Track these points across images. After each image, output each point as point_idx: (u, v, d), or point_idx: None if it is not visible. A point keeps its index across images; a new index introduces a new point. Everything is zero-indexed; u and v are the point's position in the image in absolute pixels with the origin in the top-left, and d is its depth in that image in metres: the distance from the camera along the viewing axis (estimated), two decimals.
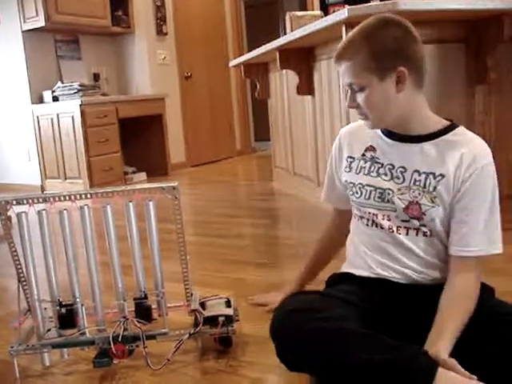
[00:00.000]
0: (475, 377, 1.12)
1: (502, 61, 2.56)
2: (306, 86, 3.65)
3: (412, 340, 1.21)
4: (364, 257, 1.44)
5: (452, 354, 1.18)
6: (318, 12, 4.12)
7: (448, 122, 1.38)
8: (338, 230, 1.68)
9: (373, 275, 1.41)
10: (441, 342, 1.20)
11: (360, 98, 1.32)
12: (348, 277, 1.47)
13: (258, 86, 4.64)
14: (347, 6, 2.33)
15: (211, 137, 7.05)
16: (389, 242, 1.39)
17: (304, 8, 6.59)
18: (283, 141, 4.47)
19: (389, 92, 1.30)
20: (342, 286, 1.44)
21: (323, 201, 1.69)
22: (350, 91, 1.35)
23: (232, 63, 4.71)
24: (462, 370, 1.13)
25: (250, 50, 4.52)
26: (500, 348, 1.18)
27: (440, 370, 1.12)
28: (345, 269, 1.51)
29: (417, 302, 1.35)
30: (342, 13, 2.32)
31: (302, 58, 3.57)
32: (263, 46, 3.62)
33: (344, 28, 2.38)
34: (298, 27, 3.14)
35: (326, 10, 5.59)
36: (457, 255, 1.32)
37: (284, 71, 4.02)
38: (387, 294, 1.37)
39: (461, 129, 1.37)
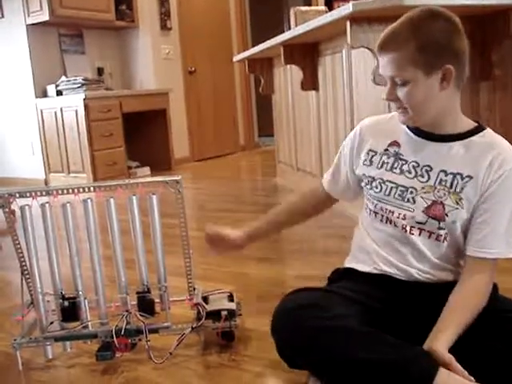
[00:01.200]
0: (473, 378, 1.11)
1: (507, 57, 2.55)
2: (311, 82, 3.64)
3: (415, 338, 1.21)
4: (370, 252, 1.43)
5: (453, 349, 1.18)
6: (322, 7, 4.11)
7: (475, 124, 1.36)
8: (314, 207, 1.66)
9: (376, 271, 1.40)
10: (442, 335, 1.20)
11: (401, 92, 1.27)
12: (351, 273, 1.46)
13: (262, 81, 4.63)
14: (352, 1, 2.32)
15: (215, 132, 7.05)
16: (399, 241, 1.37)
17: (308, 3, 6.58)
18: (287, 136, 4.46)
19: (432, 89, 1.26)
20: (345, 283, 1.43)
21: (324, 185, 1.61)
22: (390, 83, 1.29)
23: (236, 58, 4.70)
24: (459, 367, 1.13)
25: (254, 45, 4.51)
26: (502, 344, 1.18)
27: (440, 371, 1.12)
28: (348, 263, 1.51)
29: (420, 300, 1.34)
30: (347, 8, 2.30)
31: (306, 54, 3.56)
32: (268, 41, 3.61)
33: (348, 23, 2.37)
34: (303, 22, 3.13)
35: (330, 4, 5.56)
36: (474, 256, 1.30)
37: (288, 66, 4.01)
38: (390, 292, 1.36)
39: (488, 131, 1.35)
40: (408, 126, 1.39)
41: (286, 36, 3.27)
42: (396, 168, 1.38)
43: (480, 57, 2.55)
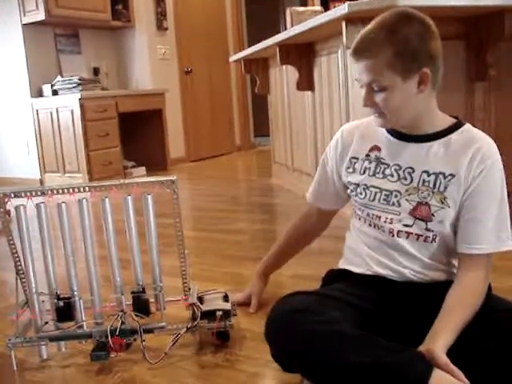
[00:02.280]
0: (468, 382, 1.11)
1: (502, 58, 2.56)
2: (306, 82, 3.64)
3: (409, 339, 1.21)
4: (363, 255, 1.43)
5: (448, 350, 1.18)
6: (318, 7, 4.11)
7: (454, 120, 1.36)
8: (316, 224, 1.70)
9: (370, 272, 1.41)
10: (440, 337, 1.19)
11: (379, 97, 1.27)
12: (345, 274, 1.46)
13: (258, 82, 4.63)
14: (347, 2, 2.32)
15: (211, 132, 7.05)
16: (388, 245, 1.38)
17: (304, 3, 6.58)
18: (283, 136, 4.47)
19: (410, 93, 1.26)
20: (339, 285, 1.42)
21: (309, 201, 1.67)
22: (366, 89, 1.29)
23: (232, 58, 4.70)
24: (456, 369, 1.13)
25: (250, 46, 4.51)
26: (495, 344, 1.18)
27: (435, 373, 1.11)
28: (342, 265, 1.51)
29: (414, 300, 1.34)
30: (342, 8, 2.31)
31: (302, 54, 3.57)
32: (263, 42, 3.61)
33: (344, 24, 2.38)
34: (299, 23, 3.13)
35: (326, 5, 5.56)
36: (466, 253, 1.31)
37: (284, 67, 4.02)
38: (384, 293, 1.36)
39: (467, 126, 1.35)
40: (387, 129, 1.40)
41: (281, 36, 3.27)
42: (379, 173, 1.38)
43: (475, 58, 2.56)
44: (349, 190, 1.47)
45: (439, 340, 1.18)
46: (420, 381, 1.10)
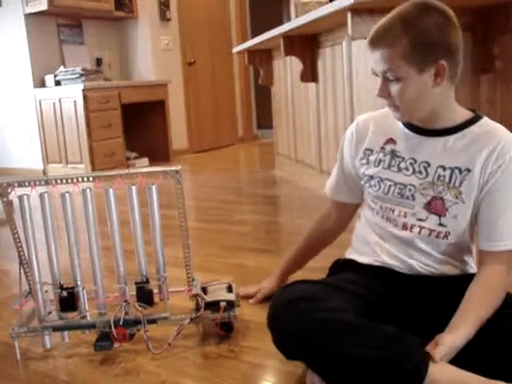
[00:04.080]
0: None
1: (508, 49, 2.54)
2: (310, 73, 3.63)
3: (414, 332, 1.20)
4: (371, 244, 1.42)
5: None
6: None
7: (471, 113, 1.33)
8: (336, 223, 1.66)
9: (377, 263, 1.40)
10: (460, 330, 1.18)
11: (394, 88, 1.25)
12: (352, 264, 1.46)
13: (262, 73, 4.61)
14: None
15: (213, 123, 7.03)
16: (399, 238, 1.37)
17: None
18: (286, 128, 4.45)
19: (425, 85, 1.23)
20: (345, 275, 1.42)
21: (329, 195, 1.63)
22: (381, 79, 1.27)
23: (236, 49, 4.68)
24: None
25: (253, 37, 4.49)
26: (501, 340, 1.17)
27: (432, 368, 1.11)
28: (349, 255, 1.50)
29: (420, 294, 1.34)
30: None
31: (306, 45, 3.55)
32: (268, 32, 3.59)
33: (350, 14, 2.36)
34: (303, 13, 3.11)
35: None
36: (487, 250, 1.29)
37: (288, 58, 4.00)
38: (391, 285, 1.35)
39: (484, 119, 1.33)
40: (404, 123, 1.38)
41: (286, 27, 3.25)
42: (394, 166, 1.37)
43: (481, 49, 2.54)
44: (362, 182, 1.46)
45: (457, 333, 1.18)
46: (418, 374, 1.11)
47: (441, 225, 1.31)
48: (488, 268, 1.28)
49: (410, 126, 1.37)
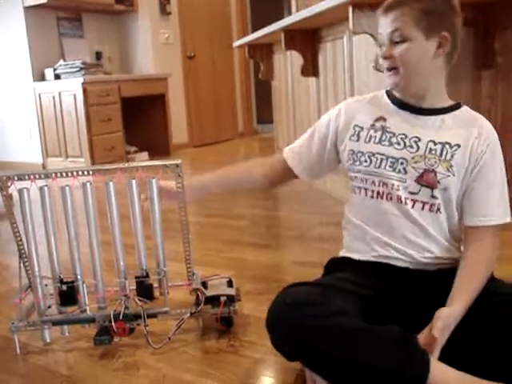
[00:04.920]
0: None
1: (509, 45, 2.53)
2: (311, 68, 3.62)
3: (413, 326, 1.21)
4: (364, 237, 1.41)
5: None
6: None
7: (453, 102, 1.41)
8: (269, 176, 1.63)
9: (373, 258, 1.39)
10: (454, 305, 1.24)
11: (398, 49, 1.31)
12: (347, 262, 1.44)
13: (262, 67, 4.60)
14: None
15: (213, 118, 7.02)
16: (394, 214, 1.36)
17: None
18: (286, 123, 4.44)
19: (428, 53, 1.30)
20: (342, 274, 1.40)
21: (285, 158, 1.62)
22: (388, 42, 1.33)
23: (236, 44, 4.67)
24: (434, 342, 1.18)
25: (254, 31, 4.48)
26: (495, 326, 1.19)
27: (432, 371, 1.12)
28: (344, 254, 1.49)
29: (418, 287, 1.33)
30: None
31: (307, 39, 3.54)
32: (269, 27, 3.57)
33: (351, 9, 2.35)
34: (304, 8, 3.10)
35: None
36: (473, 225, 1.34)
37: (288, 52, 3.99)
38: (390, 280, 1.34)
39: (466, 107, 1.41)
40: (393, 101, 1.42)
41: (287, 21, 3.24)
42: (384, 140, 1.38)
43: (482, 45, 2.53)
44: (350, 161, 1.43)
45: (453, 306, 1.23)
46: (418, 380, 1.12)
47: (433, 197, 1.33)
48: (475, 244, 1.34)
49: (399, 104, 1.41)
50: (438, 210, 1.34)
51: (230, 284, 1.71)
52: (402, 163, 1.35)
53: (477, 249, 1.33)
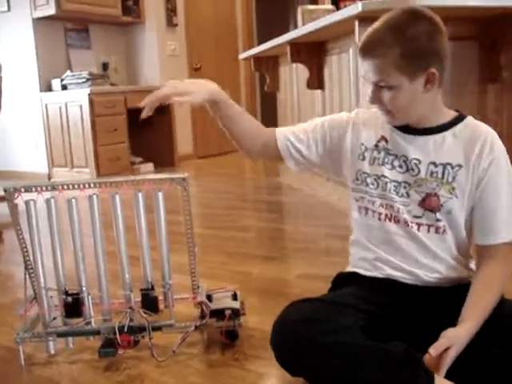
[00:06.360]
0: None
1: None
2: (317, 81, 3.63)
3: (421, 342, 1.20)
4: (371, 257, 1.40)
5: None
6: (330, 6, 4.09)
7: (456, 113, 1.36)
8: (260, 145, 1.62)
9: (380, 275, 1.38)
10: (463, 326, 1.20)
11: (386, 96, 1.27)
12: (355, 277, 1.43)
13: (268, 80, 4.61)
14: (360, 1, 2.30)
15: (219, 129, 6.93)
16: (402, 236, 1.35)
17: (315, 2, 6.55)
18: None
19: (417, 92, 1.26)
20: (349, 289, 1.39)
21: (278, 142, 1.59)
22: (373, 87, 1.29)
23: (242, 56, 4.69)
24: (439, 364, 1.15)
25: (259, 43, 4.50)
26: (505, 350, 1.17)
27: None
28: (350, 270, 1.48)
29: (427, 303, 1.33)
30: (356, 7, 2.30)
31: (313, 52, 3.55)
32: (275, 39, 3.60)
33: (357, 23, 2.36)
34: (310, 21, 3.12)
35: (336, 4, 5.55)
36: (486, 244, 1.31)
37: (294, 65, 4.00)
38: (397, 296, 1.33)
39: (470, 118, 1.36)
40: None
41: (293, 34, 3.26)
42: (387, 163, 1.37)
43: (488, 59, 2.54)
44: (357, 182, 1.42)
45: (461, 328, 1.20)
46: None
47: (437, 220, 1.32)
48: (487, 262, 1.31)
49: (398, 126, 1.37)
50: (444, 231, 1.32)
51: (234, 297, 1.71)
52: (404, 187, 1.34)
53: (489, 266, 1.30)
